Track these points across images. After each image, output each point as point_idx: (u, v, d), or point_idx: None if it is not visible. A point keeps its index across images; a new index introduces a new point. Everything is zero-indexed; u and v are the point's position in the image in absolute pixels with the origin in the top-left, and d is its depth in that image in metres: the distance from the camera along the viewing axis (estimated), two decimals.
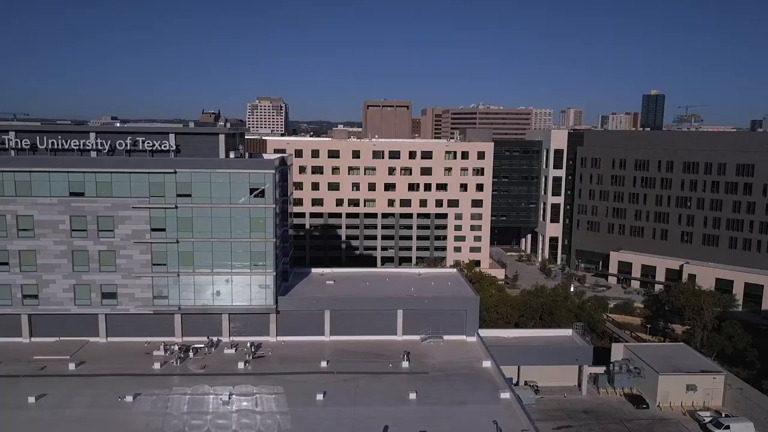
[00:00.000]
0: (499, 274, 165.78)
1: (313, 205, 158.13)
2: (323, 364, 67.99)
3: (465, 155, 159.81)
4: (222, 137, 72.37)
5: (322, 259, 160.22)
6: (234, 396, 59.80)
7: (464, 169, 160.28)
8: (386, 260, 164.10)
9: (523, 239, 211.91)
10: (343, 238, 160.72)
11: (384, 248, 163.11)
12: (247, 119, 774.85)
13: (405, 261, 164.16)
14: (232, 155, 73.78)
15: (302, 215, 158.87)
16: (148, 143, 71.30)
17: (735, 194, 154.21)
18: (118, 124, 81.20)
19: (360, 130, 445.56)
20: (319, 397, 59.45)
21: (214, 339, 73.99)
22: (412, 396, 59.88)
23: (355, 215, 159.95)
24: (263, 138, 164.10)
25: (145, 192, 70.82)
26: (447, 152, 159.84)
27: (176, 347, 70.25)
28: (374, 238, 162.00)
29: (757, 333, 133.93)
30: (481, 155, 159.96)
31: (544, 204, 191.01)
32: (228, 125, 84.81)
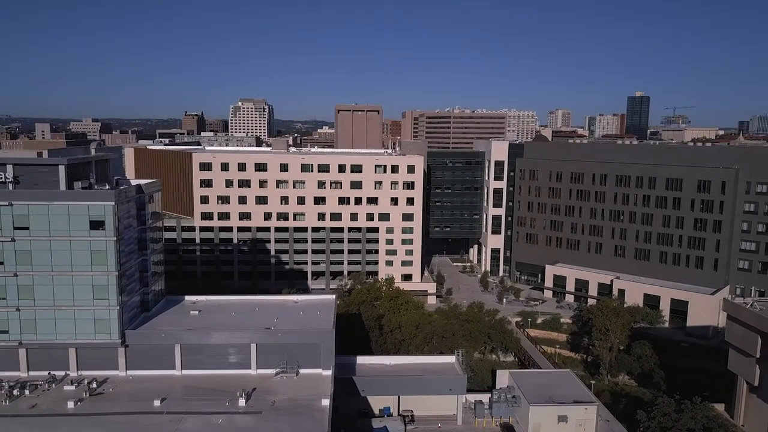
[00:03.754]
0: (431, 288, 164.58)
1: (240, 219, 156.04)
2: (156, 403, 66.23)
3: (395, 169, 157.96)
4: (62, 168, 70.45)
5: (251, 273, 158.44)
6: None
7: (395, 183, 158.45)
8: (317, 274, 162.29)
9: (471, 249, 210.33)
10: (273, 252, 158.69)
11: (315, 262, 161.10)
12: (230, 121, 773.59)
13: (337, 274, 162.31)
14: (79, 185, 71.86)
15: (230, 229, 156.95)
16: None
17: (665, 208, 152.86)
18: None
19: None
20: None
21: (57, 374, 72.16)
22: None
23: (285, 229, 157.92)
24: (189, 151, 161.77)
25: None
26: (377, 166, 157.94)
27: (7, 385, 68.36)
28: (305, 252, 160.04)
29: (678, 350, 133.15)
30: (411, 169, 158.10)
31: (486, 215, 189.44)
32: (93, 151, 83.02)
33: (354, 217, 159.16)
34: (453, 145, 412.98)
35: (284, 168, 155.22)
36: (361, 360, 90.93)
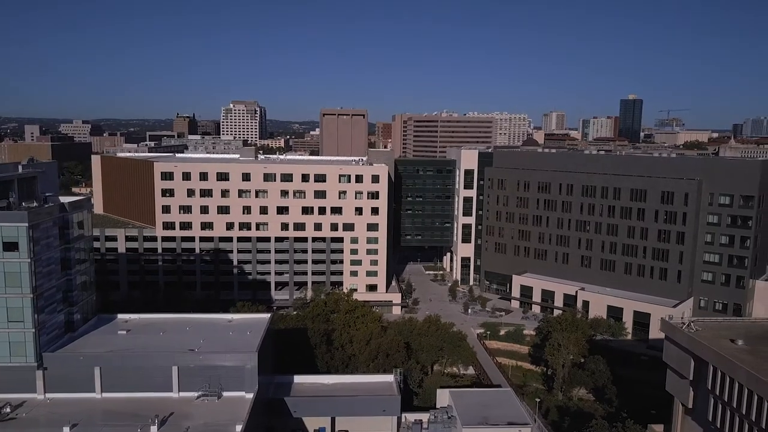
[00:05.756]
0: (396, 298, 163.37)
1: (202, 228, 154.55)
2: (66, 429, 64.79)
3: (359, 178, 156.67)
4: None
5: (214, 284, 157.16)
6: None
7: (359, 193, 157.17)
8: (281, 284, 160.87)
9: (445, 257, 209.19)
10: (235, 262, 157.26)
11: (278, 273, 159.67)
12: (221, 123, 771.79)
13: (302, 285, 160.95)
14: None
15: (192, 239, 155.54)
16: None
17: (629, 219, 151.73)
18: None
19: None
20: None
21: None
22: None
23: (247, 239, 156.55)
24: (152, 160, 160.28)
25: None
26: (341, 175, 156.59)
27: None
28: (268, 262, 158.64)
29: (639, 363, 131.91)
30: (375, 178, 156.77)
31: (456, 224, 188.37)
32: (20, 169, 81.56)
33: (318, 227, 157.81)
34: (440, 149, 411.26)
35: (246, 177, 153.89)
36: (299, 379, 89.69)
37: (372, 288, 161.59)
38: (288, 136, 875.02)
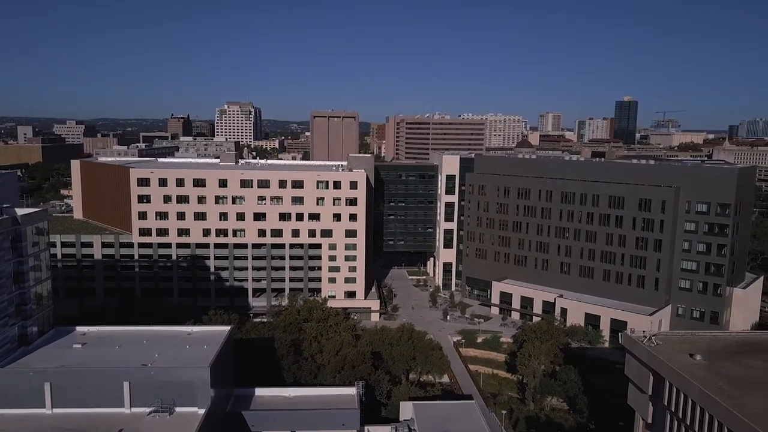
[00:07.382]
0: (375, 305, 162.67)
1: (179, 235, 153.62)
2: None
3: (337, 185, 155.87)
4: None
5: (191, 290, 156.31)
6: None
7: (337, 199, 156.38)
8: (259, 291, 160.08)
9: (429, 262, 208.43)
10: (212, 269, 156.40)
11: (256, 279, 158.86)
12: (216, 124, 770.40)
13: (280, 291, 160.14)
14: None
15: (168, 246, 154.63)
16: None
17: (608, 226, 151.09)
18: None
19: None
20: None
21: None
22: None
23: (224, 245, 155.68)
24: (128, 167, 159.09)
25: None
26: (319, 182, 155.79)
27: None
28: (245, 269, 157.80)
29: (614, 372, 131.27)
30: (353, 185, 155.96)
31: (439, 229, 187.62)
32: None
33: (295, 233, 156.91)
34: (433, 151, 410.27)
35: (223, 183, 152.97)
36: (260, 392, 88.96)
37: (350, 295, 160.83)
38: (284, 137, 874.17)
